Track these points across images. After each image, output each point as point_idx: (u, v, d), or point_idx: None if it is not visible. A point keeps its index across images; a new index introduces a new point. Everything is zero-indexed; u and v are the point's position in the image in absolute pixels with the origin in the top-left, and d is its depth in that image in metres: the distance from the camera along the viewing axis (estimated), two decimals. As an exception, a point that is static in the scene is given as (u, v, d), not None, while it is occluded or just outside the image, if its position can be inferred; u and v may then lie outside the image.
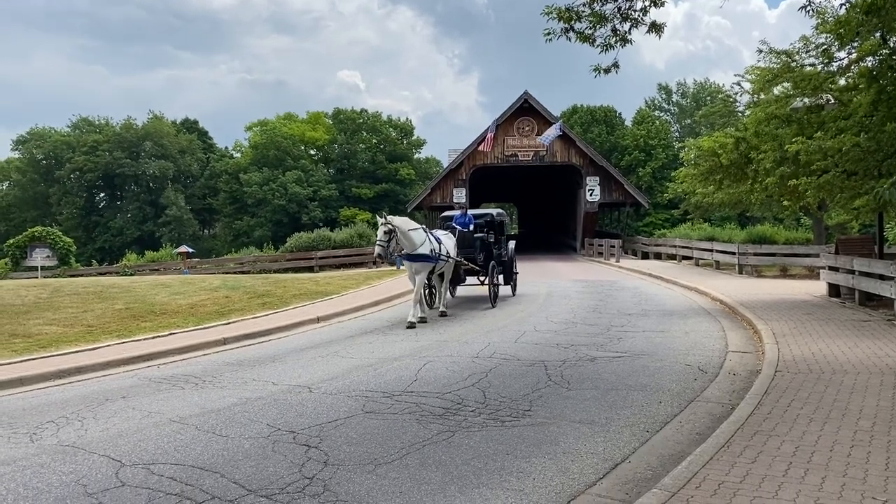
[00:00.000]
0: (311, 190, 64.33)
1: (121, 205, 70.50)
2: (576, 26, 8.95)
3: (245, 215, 65.61)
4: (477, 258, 16.45)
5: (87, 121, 73.39)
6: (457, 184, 40.64)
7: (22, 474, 5.53)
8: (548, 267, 31.73)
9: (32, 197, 69.96)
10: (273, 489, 5.10)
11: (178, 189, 69.42)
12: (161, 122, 71.74)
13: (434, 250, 13.98)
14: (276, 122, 71.37)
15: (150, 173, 68.17)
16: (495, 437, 6.26)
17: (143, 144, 68.25)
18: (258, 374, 9.26)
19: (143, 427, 6.81)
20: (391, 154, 70.33)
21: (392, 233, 13.12)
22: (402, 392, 7.99)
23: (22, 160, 71.36)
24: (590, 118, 62.63)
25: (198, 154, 72.22)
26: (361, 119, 71.94)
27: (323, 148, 71.60)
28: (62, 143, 69.70)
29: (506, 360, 9.77)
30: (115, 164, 66.84)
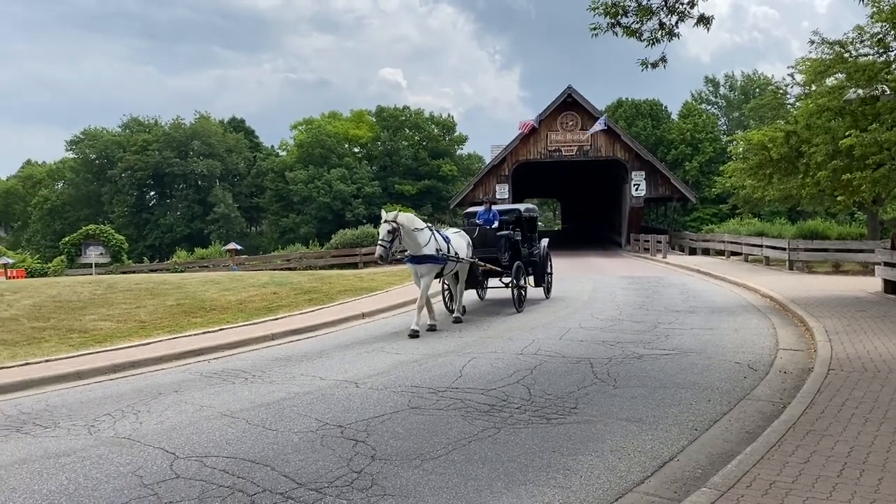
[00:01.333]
0: (355, 187, 64.86)
1: (170, 203, 72.05)
2: (622, 21, 8.88)
3: (291, 213, 66.47)
4: (501, 258, 14.99)
5: (137, 121, 75.15)
6: (499, 180, 40.58)
7: (82, 465, 5.72)
8: (592, 263, 31.48)
9: (86, 195, 71.93)
10: (322, 483, 5.18)
11: (225, 187, 70.66)
12: (208, 121, 73.09)
13: (440, 250, 12.75)
14: (321, 121, 72.12)
15: (199, 172, 69.50)
16: (541, 435, 6.25)
17: (191, 143, 69.64)
18: (306, 370, 9.40)
19: (195, 420, 6.98)
20: (433, 150, 70.49)
21: (396, 232, 11.99)
22: (447, 388, 8.03)
23: (76, 160, 73.42)
24: (635, 112, 61.85)
25: (245, 153, 73.38)
26: (404, 116, 72.25)
27: (366, 145, 72.12)
28: (113, 143, 71.51)
29: (551, 357, 9.74)
30: (164, 163, 68.33)
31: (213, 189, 69.64)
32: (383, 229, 11.98)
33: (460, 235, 14.21)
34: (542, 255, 16.95)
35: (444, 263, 12.88)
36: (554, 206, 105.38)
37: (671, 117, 63.28)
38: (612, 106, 62.80)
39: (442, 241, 12.95)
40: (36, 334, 12.30)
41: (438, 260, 12.69)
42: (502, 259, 14.97)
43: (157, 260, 50.44)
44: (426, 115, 73.28)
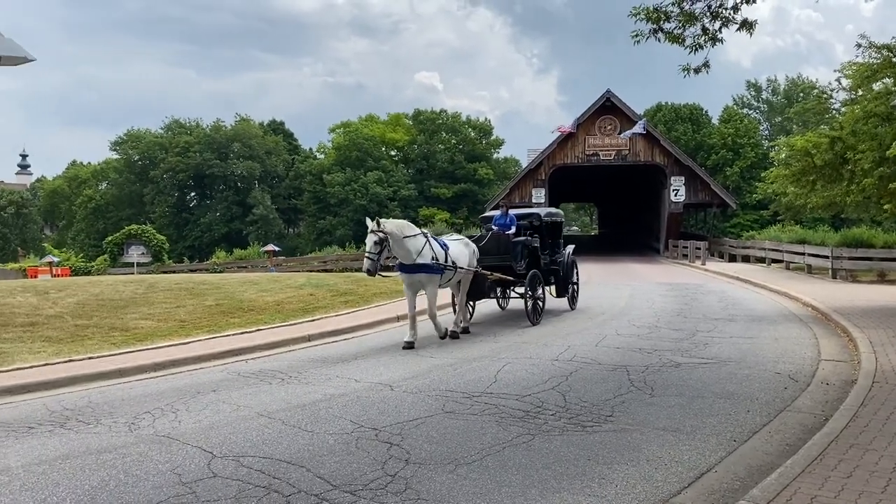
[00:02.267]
0: (391, 190, 65.22)
1: (210, 204, 73.18)
2: (664, 27, 8.78)
3: (328, 215, 67.04)
4: (516, 266, 13.69)
5: (179, 123, 76.49)
6: (536, 184, 40.41)
7: (122, 461, 5.84)
8: (629, 269, 31.18)
9: (128, 196, 73.40)
10: (357, 485, 5.21)
11: (264, 189, 71.54)
12: (248, 123, 74.11)
13: (436, 258, 11.68)
14: (359, 124, 72.69)
15: (238, 173, 70.48)
16: (576, 442, 6.21)
17: (231, 146, 70.66)
18: (341, 371, 9.46)
19: (232, 420, 7.07)
20: (470, 154, 70.52)
21: (384, 242, 10.94)
22: (481, 393, 8.02)
23: (119, 161, 74.98)
24: (674, 116, 61.13)
25: (283, 155, 74.23)
26: (441, 119, 72.45)
27: (403, 149, 72.49)
28: (156, 145, 72.88)
29: (586, 363, 9.66)
30: (205, 165, 69.44)
31: (252, 190, 70.56)
32: (369, 240, 10.93)
33: (463, 243, 13.06)
34: (566, 263, 15.73)
35: (441, 272, 11.81)
36: (591, 210, 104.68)
37: (711, 122, 62.39)
38: (652, 110, 62.16)
39: (439, 249, 11.88)
40: (79, 332, 12.57)
41: (434, 269, 11.63)
42: (517, 267, 13.71)
43: (197, 260, 51.30)
44: (463, 119, 73.39)
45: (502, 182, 60.86)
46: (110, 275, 33.37)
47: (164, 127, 76.42)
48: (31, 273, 39.28)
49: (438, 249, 11.87)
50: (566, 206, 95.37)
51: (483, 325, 13.51)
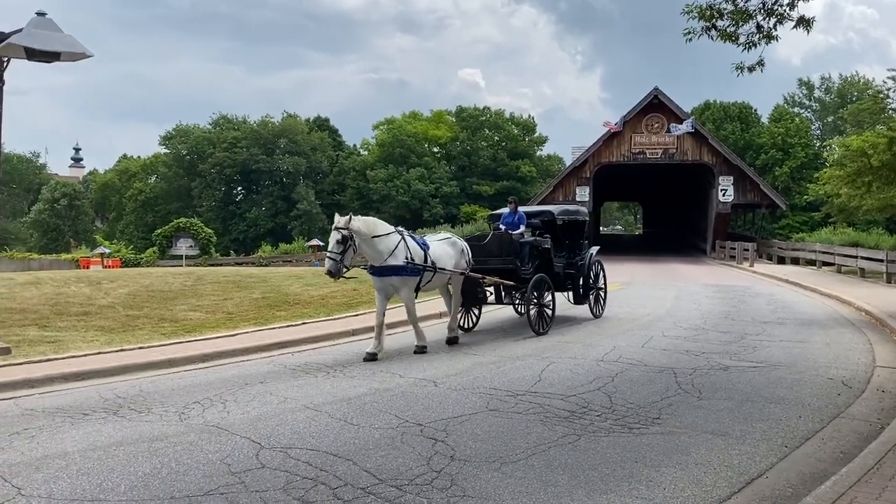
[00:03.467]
0: (433, 187, 65.39)
1: (256, 198, 74.23)
2: (717, 24, 8.62)
3: (370, 211, 67.37)
4: (521, 269, 12.38)
5: (226, 118, 77.73)
6: (580, 182, 40.08)
7: (174, 450, 5.96)
8: (675, 270, 30.73)
9: (177, 189, 74.85)
10: (402, 480, 5.23)
11: (308, 184, 72.31)
12: (295, 120, 74.98)
13: (412, 259, 10.45)
14: (402, 121, 73.03)
15: (284, 169, 71.37)
16: (623, 444, 6.14)
17: (278, 141, 71.60)
18: (385, 366, 9.52)
19: (279, 412, 7.17)
20: (512, 151, 70.31)
21: (349, 240, 9.86)
22: (525, 392, 7.98)
23: (168, 155, 76.52)
24: (723, 115, 60.08)
25: (328, 151, 74.93)
26: (484, 116, 72.36)
27: (445, 145, 72.58)
28: (204, 140, 74.17)
29: (632, 365, 9.55)
30: (251, 160, 70.45)
31: (296, 186, 71.38)
32: (332, 238, 9.91)
33: (449, 243, 11.70)
34: (586, 266, 14.27)
35: (418, 275, 10.59)
36: (636, 210, 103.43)
37: (761, 121, 61.10)
38: (700, 108, 61.16)
39: (417, 249, 10.68)
40: (130, 322, 12.89)
41: (409, 271, 10.42)
42: (522, 270, 12.39)
43: (243, 254, 52.13)
44: (506, 116, 73.16)
45: (545, 180, 60.51)
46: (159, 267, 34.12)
47: (211, 122, 77.80)
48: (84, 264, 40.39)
49: (416, 249, 10.65)
50: (610, 205, 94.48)
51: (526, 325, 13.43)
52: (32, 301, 14.98)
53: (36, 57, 9.73)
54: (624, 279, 24.61)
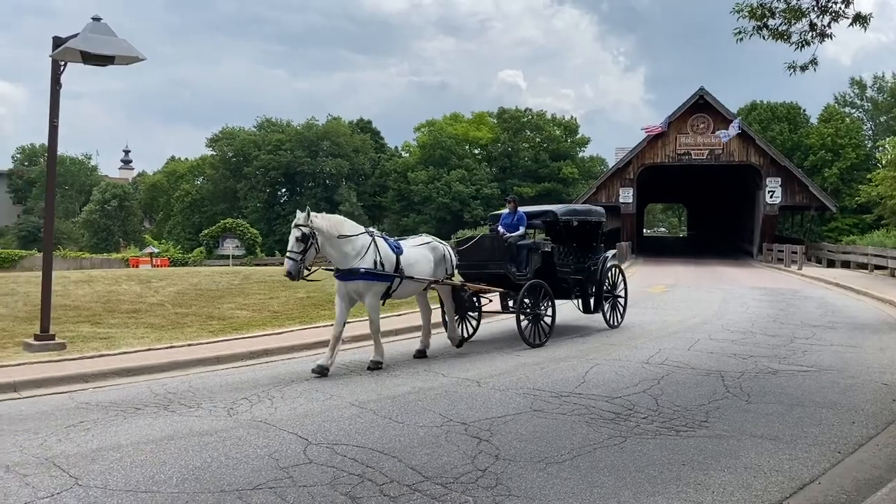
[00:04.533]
0: (474, 188, 65.43)
1: (299, 200, 75.05)
2: (769, 23, 8.46)
3: (411, 212, 67.84)
4: (515, 275, 11.26)
5: (271, 121, 78.86)
6: (623, 183, 39.70)
7: (223, 444, 6.07)
8: (722, 272, 30.22)
9: (222, 191, 76.15)
10: (447, 478, 5.25)
11: (350, 186, 72.95)
12: (338, 122, 75.72)
13: (381, 264, 9.52)
14: (443, 123, 73.23)
15: (327, 171, 72.13)
16: (669, 446, 6.06)
17: (321, 144, 72.38)
18: (428, 365, 9.57)
19: (325, 409, 7.26)
20: (554, 152, 69.98)
21: (310, 238, 9.03)
22: (569, 393, 7.94)
23: (214, 157, 77.90)
24: (770, 115, 58.96)
25: (370, 153, 75.50)
26: (525, 118, 72.16)
27: (486, 147, 72.55)
28: (249, 142, 75.32)
29: (678, 367, 9.42)
30: (295, 162, 71.36)
31: (339, 188, 72.07)
32: (292, 236, 9.16)
33: (428, 247, 10.63)
34: (599, 271, 13.03)
35: (388, 281, 9.66)
36: (680, 211, 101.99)
37: (809, 121, 59.75)
38: (746, 109, 60.13)
39: (388, 253, 9.70)
40: (179, 319, 13.15)
41: (377, 276, 9.49)
42: (517, 276, 11.28)
43: (286, 254, 52.63)
44: (548, 117, 72.81)
45: (588, 181, 60.10)
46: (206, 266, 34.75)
47: (256, 125, 78.98)
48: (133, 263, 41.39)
49: (387, 253, 9.70)
50: (654, 207, 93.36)
51: (570, 326, 13.35)
52: (85, 298, 15.40)
53: (91, 60, 10.01)
54: (669, 281, 24.31)
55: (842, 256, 33.35)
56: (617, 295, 13.62)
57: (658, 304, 17.31)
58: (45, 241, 11.25)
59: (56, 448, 5.97)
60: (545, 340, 11.21)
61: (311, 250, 9.07)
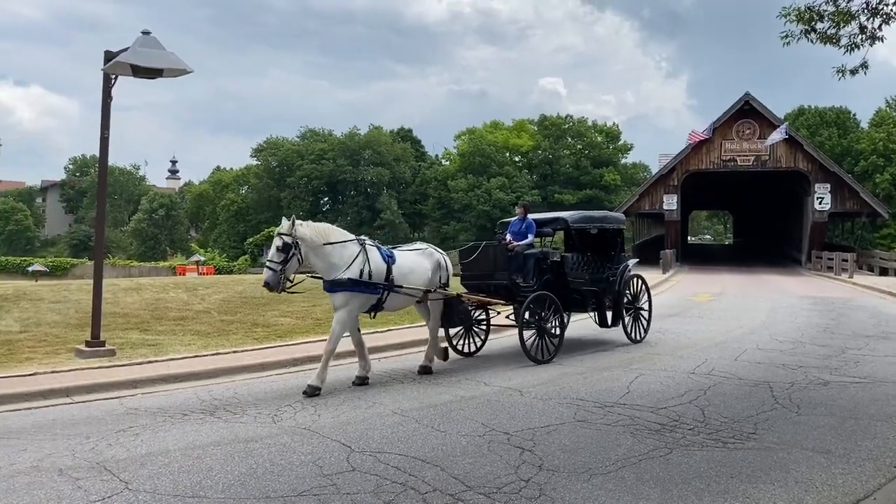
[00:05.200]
0: (514, 196, 65.29)
1: (341, 208, 75.94)
2: (817, 27, 8.28)
3: (451, 220, 68.00)
4: (520, 288, 10.57)
5: (314, 131, 79.92)
6: (667, 190, 39.16)
7: (268, 451, 6.14)
8: (769, 281, 29.59)
9: (266, 200, 77.34)
10: (491, 487, 5.22)
11: (391, 194, 73.46)
12: (379, 131, 76.44)
13: (369, 273, 8.93)
14: (483, 130, 73.35)
15: (368, 179, 72.79)
16: (717, 459, 5.94)
17: (362, 153, 73.09)
18: (470, 374, 9.54)
19: (368, 417, 7.29)
20: (596, 159, 69.54)
21: (293, 248, 8.50)
22: (613, 403, 7.84)
23: (259, 167, 79.25)
24: (818, 120, 57.75)
25: (410, 161, 75.97)
26: (566, 124, 71.85)
27: (527, 154, 72.42)
28: (293, 152, 76.47)
29: (725, 378, 9.24)
30: (337, 171, 72.19)
31: (380, 196, 72.65)
32: (273, 245, 8.67)
33: (424, 255, 10.06)
34: (618, 282, 12.14)
35: (377, 293, 9.10)
36: (725, 218, 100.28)
37: (860, 126, 58.30)
38: (793, 114, 58.98)
39: (379, 262, 9.14)
40: (225, 326, 13.35)
41: (363, 287, 8.93)
42: (521, 288, 10.60)
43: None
44: (589, 124, 72.39)
45: (630, 188, 59.53)
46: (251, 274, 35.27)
47: (299, 135, 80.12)
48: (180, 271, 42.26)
49: (378, 262, 9.13)
50: (698, 214, 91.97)
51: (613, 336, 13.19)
52: (134, 306, 15.75)
53: (140, 73, 10.26)
54: (715, 290, 23.90)
55: (895, 264, 32.38)
56: (640, 307, 12.75)
57: (703, 313, 17.02)
58: (96, 250, 11.54)
59: (107, 452, 6.10)
60: (551, 357, 10.40)
61: (292, 261, 8.55)
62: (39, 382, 8.67)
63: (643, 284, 13.06)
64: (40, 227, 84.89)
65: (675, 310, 17.84)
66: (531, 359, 10.15)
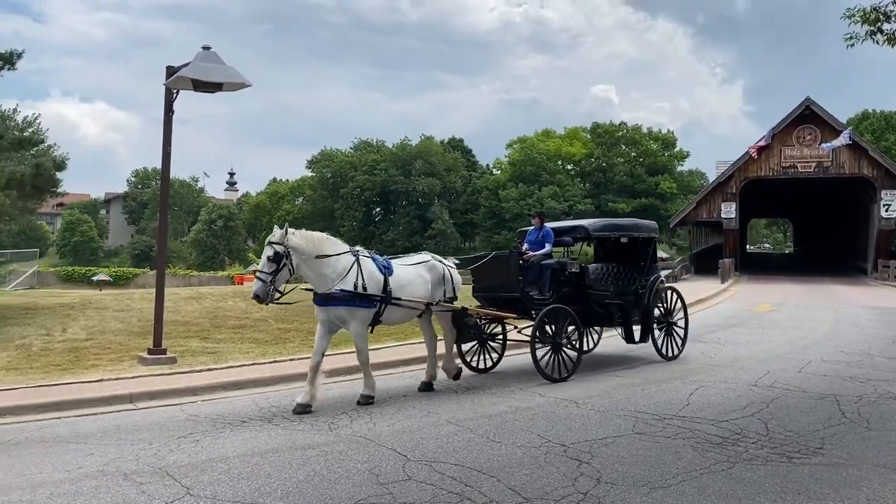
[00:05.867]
0: (567, 205, 64.77)
1: (393, 218, 76.46)
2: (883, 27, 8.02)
3: (503, 229, 67.72)
4: (535, 300, 10.02)
5: (367, 143, 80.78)
6: (725, 197, 38.30)
7: (325, 459, 6.19)
8: (832, 291, 28.64)
9: (321, 210, 78.37)
10: (548, 500, 5.16)
11: (443, 204, 73.63)
12: (431, 141, 76.81)
13: (363, 286, 8.43)
14: (535, 139, 73.05)
15: (420, 190, 73.11)
16: (782, 474, 5.75)
17: (414, 163, 73.54)
18: (524, 384, 9.45)
19: (423, 426, 7.29)
20: (651, 167, 68.54)
21: (284, 258, 8.12)
22: (673, 416, 7.67)
23: (313, 178, 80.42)
24: (884, 125, 55.85)
25: (461, 171, 76.11)
26: (620, 132, 71.04)
27: (580, 162, 71.80)
28: (346, 163, 77.39)
29: (789, 390, 8.96)
30: (389, 182, 72.75)
31: (431, 206, 72.88)
32: (264, 255, 8.28)
33: (425, 266, 9.49)
34: (647, 295, 11.29)
35: (370, 305, 8.55)
36: (785, 227, 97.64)
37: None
38: (856, 118, 57.16)
39: (375, 274, 8.68)
40: (282, 335, 13.56)
41: (361, 302, 8.44)
42: (535, 301, 10.00)
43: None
44: (644, 131, 71.42)
45: (686, 196, 58.46)
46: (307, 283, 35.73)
47: (353, 147, 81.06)
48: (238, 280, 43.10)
49: (374, 274, 8.66)
50: (757, 223, 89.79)
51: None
52: (194, 314, 16.11)
53: (201, 88, 10.52)
54: (776, 300, 23.26)
55: (968, 273, 31.02)
56: (675, 323, 11.86)
57: (764, 324, 16.56)
58: (159, 260, 11.86)
59: (168, 458, 6.24)
60: (568, 375, 9.70)
61: (283, 271, 8.16)
62: (105, 389, 8.94)
63: (678, 298, 12.15)
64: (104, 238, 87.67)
65: (734, 320, 17.42)
66: (545, 377, 9.50)
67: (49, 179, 20.20)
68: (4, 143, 20.88)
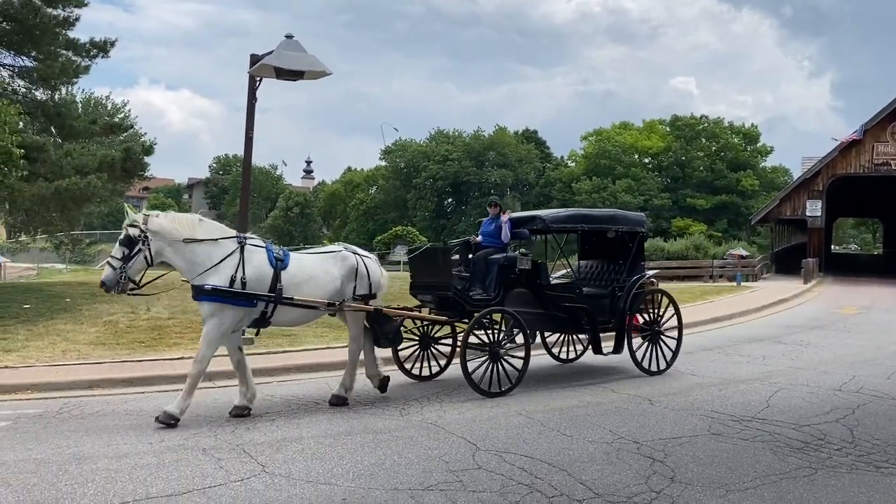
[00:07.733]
0: (642, 199, 63.40)
1: (465, 209, 76.54)
2: None
3: (576, 223, 66.89)
4: (472, 298, 8.62)
5: (442, 133, 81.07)
6: (811, 195, 36.73)
7: (396, 443, 6.26)
8: (924, 295, 27.15)
9: (394, 200, 79.16)
10: (620, 496, 5.07)
11: (515, 196, 73.26)
12: (504, 132, 76.46)
13: (239, 279, 7.18)
14: (611, 132, 71.79)
15: (492, 181, 72.94)
16: (868, 483, 5.50)
17: (487, 154, 73.41)
18: (597, 380, 9.36)
19: (493, 416, 7.29)
20: (732, 162, 66.37)
21: (138, 243, 7.01)
22: (751, 418, 7.42)
23: (387, 168, 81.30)
24: None
25: (535, 163, 75.54)
26: (700, 125, 69.01)
27: (657, 156, 70.17)
28: (419, 154, 77.87)
29: (877, 397, 8.54)
30: (462, 173, 72.83)
31: (504, 198, 72.56)
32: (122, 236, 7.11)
33: (334, 258, 8.08)
34: (624, 297, 9.64)
35: (245, 305, 7.28)
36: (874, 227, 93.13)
37: None
38: (958, 113, 53.73)
39: (262, 265, 7.41)
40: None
41: (236, 300, 7.18)
42: (473, 301, 8.60)
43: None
44: (725, 125, 69.24)
45: (769, 193, 56.43)
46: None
47: (428, 137, 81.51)
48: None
49: (260, 268, 7.40)
50: (844, 222, 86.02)
51: (747, 346, 12.53)
52: (270, 298, 16.54)
53: (283, 75, 10.71)
54: (863, 303, 22.23)
55: None
56: (660, 330, 10.12)
57: (850, 327, 15.85)
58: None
59: (245, 436, 6.43)
60: (510, 388, 8.32)
61: (138, 257, 7.01)
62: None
63: (669, 302, 10.35)
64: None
65: (817, 322, 16.73)
66: (477, 390, 8.11)
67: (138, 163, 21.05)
68: (97, 128, 21.87)
